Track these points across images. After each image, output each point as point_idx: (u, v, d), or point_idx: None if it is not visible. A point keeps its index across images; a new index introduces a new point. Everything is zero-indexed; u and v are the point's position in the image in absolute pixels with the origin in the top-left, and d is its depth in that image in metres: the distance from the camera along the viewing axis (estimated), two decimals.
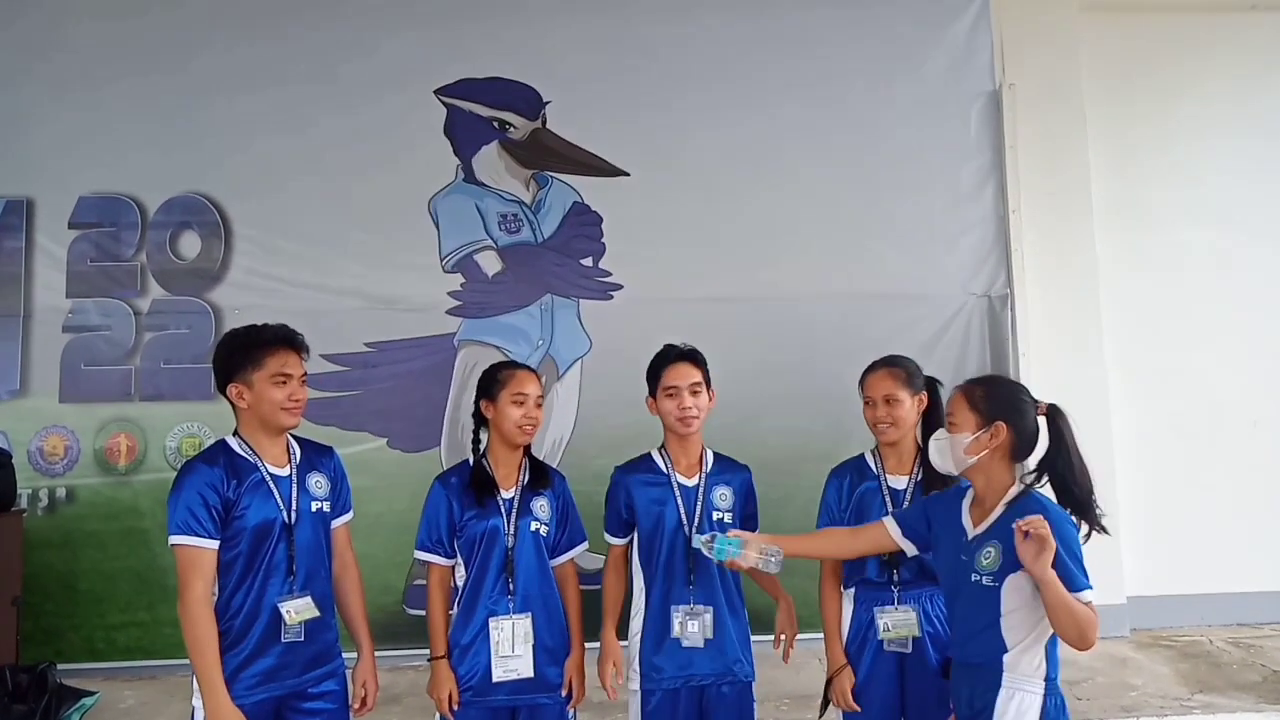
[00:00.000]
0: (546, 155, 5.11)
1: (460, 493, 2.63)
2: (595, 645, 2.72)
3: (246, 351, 2.36)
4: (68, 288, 4.87)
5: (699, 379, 2.71)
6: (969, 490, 2.27)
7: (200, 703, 2.24)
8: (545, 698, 2.58)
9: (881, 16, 5.29)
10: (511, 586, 2.56)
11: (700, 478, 2.74)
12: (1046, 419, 2.20)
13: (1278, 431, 5.41)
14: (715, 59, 5.21)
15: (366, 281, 4.94)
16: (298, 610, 2.33)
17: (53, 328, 4.83)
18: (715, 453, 2.82)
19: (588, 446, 4.73)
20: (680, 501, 2.70)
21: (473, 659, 2.55)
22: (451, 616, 2.64)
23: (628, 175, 5.10)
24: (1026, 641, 2.09)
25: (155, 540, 4.64)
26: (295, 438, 2.50)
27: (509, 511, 2.61)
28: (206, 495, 2.26)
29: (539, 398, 2.66)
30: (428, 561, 2.63)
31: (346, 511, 2.59)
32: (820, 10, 5.27)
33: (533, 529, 2.62)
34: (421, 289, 4.95)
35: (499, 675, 2.52)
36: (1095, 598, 2.03)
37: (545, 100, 5.13)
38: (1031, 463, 2.24)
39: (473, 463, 2.70)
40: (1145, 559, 5.15)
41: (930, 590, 2.55)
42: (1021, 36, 5.37)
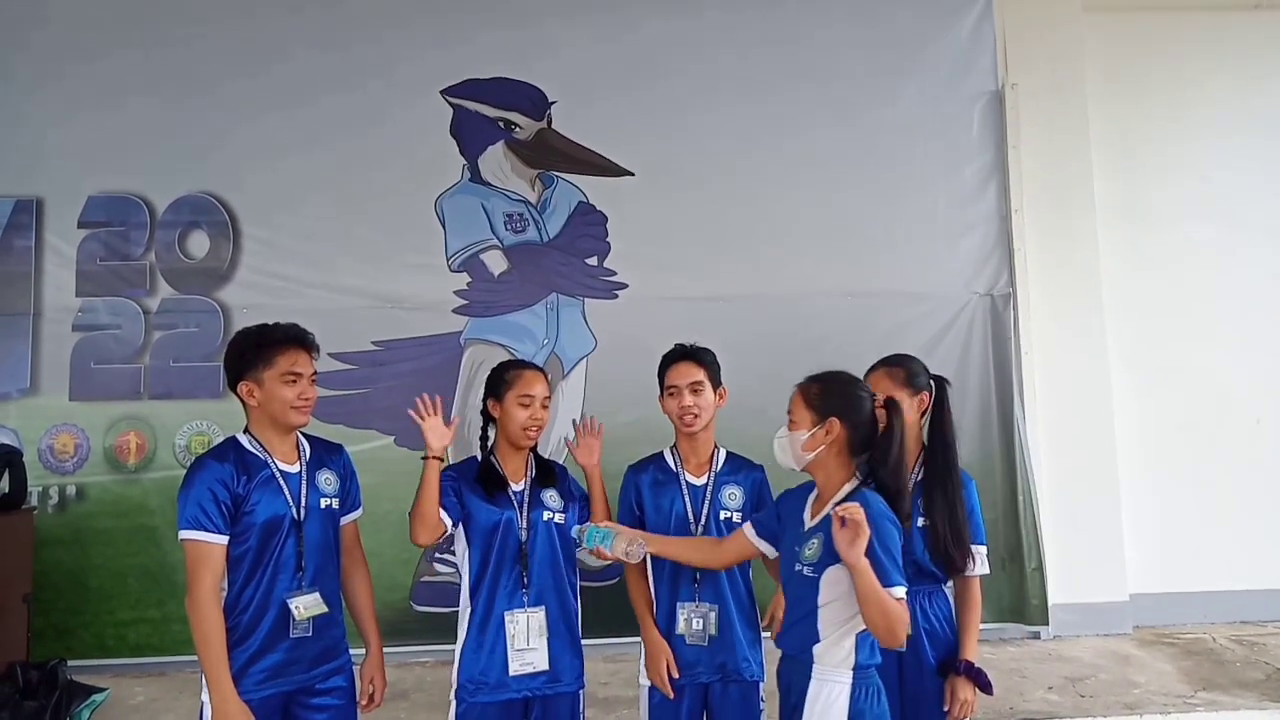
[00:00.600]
0: (552, 155, 5.14)
1: (467, 481, 2.64)
2: (599, 643, 2.73)
3: (258, 350, 2.39)
4: (77, 287, 4.91)
5: (700, 378, 2.72)
6: (815, 486, 2.32)
7: (209, 697, 2.26)
8: (559, 689, 2.59)
9: (885, 16, 5.30)
10: (526, 580, 2.58)
11: (709, 476, 2.75)
12: (885, 413, 2.25)
13: None
14: (719, 60, 5.24)
15: (374, 280, 4.97)
16: (306, 606, 2.35)
17: (63, 326, 4.87)
18: (729, 452, 2.82)
19: None
20: (688, 500, 2.72)
21: (488, 654, 2.55)
22: (459, 611, 2.64)
23: (632, 175, 5.13)
24: (838, 634, 2.14)
25: (165, 538, 4.68)
26: (305, 436, 2.52)
27: (521, 504, 2.63)
28: (216, 491, 2.28)
29: (545, 399, 2.66)
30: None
31: (356, 509, 2.61)
32: (824, 10, 5.29)
33: (546, 519, 2.63)
34: (428, 288, 4.98)
35: (515, 669, 2.53)
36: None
37: (551, 100, 5.16)
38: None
39: (480, 459, 2.71)
40: (1148, 556, 5.16)
41: (928, 588, 2.56)
42: (1024, 36, 5.39)
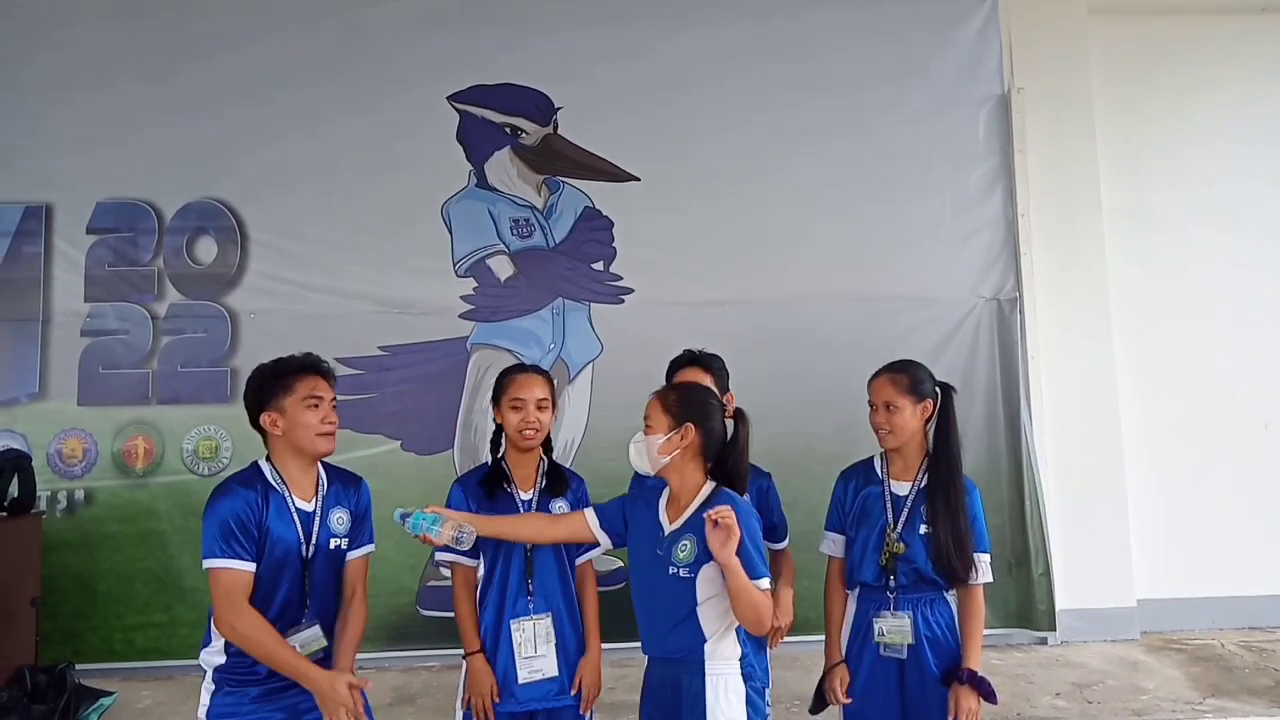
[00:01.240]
0: (558, 160, 5.15)
1: (476, 492, 2.65)
2: (605, 648, 2.73)
3: (276, 379, 2.39)
4: (86, 292, 4.94)
5: (708, 383, 2.72)
6: (665, 489, 2.38)
7: (207, 698, 2.29)
8: (565, 699, 2.58)
9: (890, 20, 5.31)
10: (531, 587, 2.58)
11: None
12: (734, 421, 2.37)
13: None
14: (724, 64, 5.25)
15: (380, 286, 4.99)
16: (303, 644, 2.32)
17: (71, 331, 4.90)
18: None
19: (598, 449, 4.76)
20: None
21: (496, 665, 2.54)
22: None
23: (638, 180, 5.14)
24: (722, 629, 2.24)
25: (172, 542, 4.71)
26: (326, 466, 2.50)
27: (528, 512, 2.64)
28: (245, 517, 2.27)
29: (540, 401, 2.65)
30: (451, 563, 2.64)
31: (368, 543, 2.56)
32: (829, 14, 5.30)
33: None
34: (435, 293, 4.99)
35: (524, 677, 2.52)
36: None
37: (557, 106, 5.17)
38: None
39: (490, 464, 2.72)
40: (1155, 561, 5.14)
41: (930, 595, 2.55)
42: (1030, 40, 5.39)
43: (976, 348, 5.11)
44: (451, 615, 2.67)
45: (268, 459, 2.42)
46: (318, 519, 2.41)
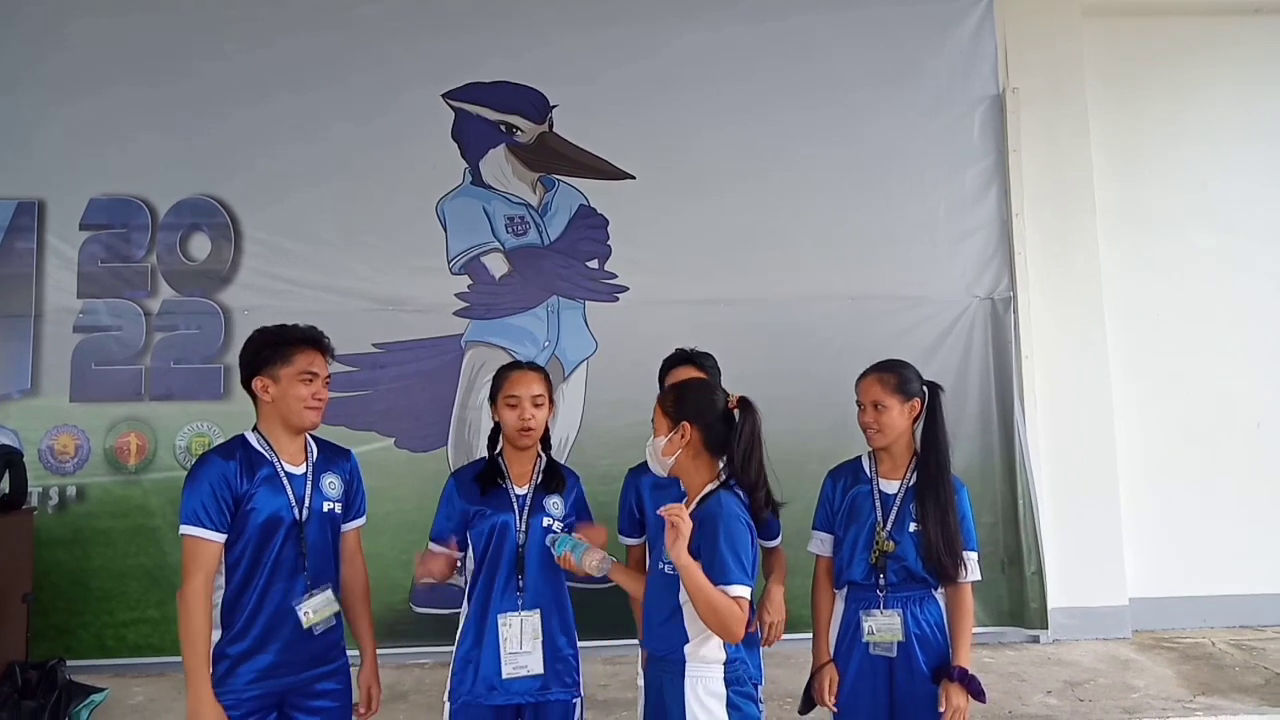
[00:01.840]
0: (553, 158, 5.15)
1: (470, 487, 2.66)
2: (598, 645, 2.73)
3: (276, 347, 2.40)
4: (79, 288, 4.92)
5: None
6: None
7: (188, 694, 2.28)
8: (550, 695, 2.58)
9: (886, 21, 5.32)
10: (521, 583, 2.57)
11: None
12: (739, 411, 2.29)
13: None
14: (720, 64, 5.25)
15: (375, 283, 4.99)
16: (315, 610, 2.35)
17: (64, 328, 4.88)
18: None
19: (593, 447, 4.77)
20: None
21: (482, 659, 2.54)
22: (460, 614, 2.65)
23: (633, 179, 5.14)
24: (707, 632, 2.17)
25: (164, 538, 4.70)
26: (314, 439, 2.52)
27: (522, 508, 2.63)
28: (218, 488, 2.28)
29: (536, 398, 2.65)
30: (441, 553, 2.64)
31: (360, 516, 2.59)
32: (824, 15, 5.31)
33: (545, 524, 2.63)
34: (429, 290, 4.99)
35: (508, 672, 2.52)
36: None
37: (552, 104, 5.17)
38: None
39: (487, 459, 2.72)
40: (1148, 560, 5.17)
41: (919, 593, 2.55)
42: (1025, 41, 5.40)
43: (971, 347, 5.13)
44: (445, 612, 2.67)
45: (254, 429, 2.44)
46: (309, 483, 2.42)
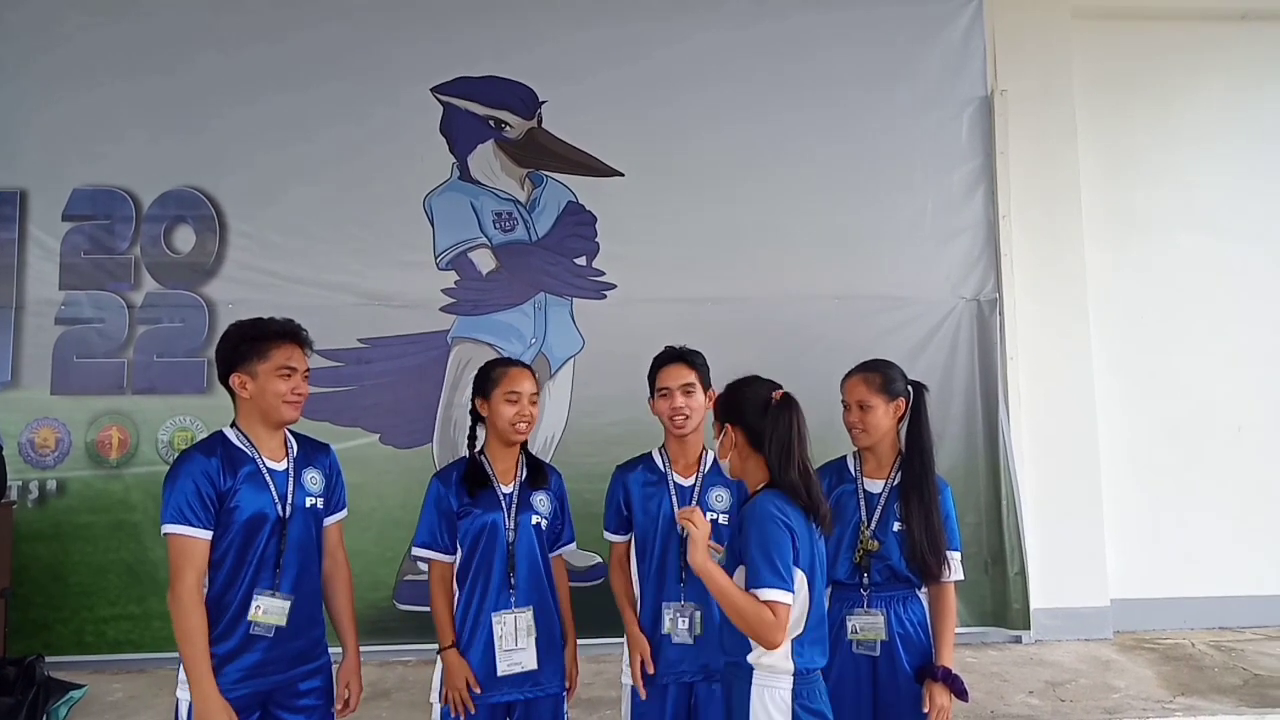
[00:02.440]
0: (542, 154, 5.13)
1: (458, 488, 2.64)
2: (582, 643, 2.74)
3: (253, 343, 2.37)
4: (61, 280, 4.87)
5: (691, 380, 2.74)
6: None
7: (186, 694, 2.23)
8: (543, 691, 2.59)
9: (875, 22, 5.33)
10: (513, 580, 2.57)
11: (697, 478, 2.77)
12: (779, 407, 2.24)
13: (1262, 437, 5.48)
14: (710, 62, 5.24)
15: (361, 277, 4.96)
16: (265, 610, 2.30)
17: (45, 319, 4.84)
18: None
19: (579, 445, 4.76)
20: (675, 500, 2.73)
21: (476, 656, 2.55)
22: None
23: (622, 175, 5.13)
24: None
25: (145, 534, 4.66)
26: (293, 434, 2.50)
27: (509, 506, 2.63)
28: (201, 485, 2.25)
29: (533, 395, 2.67)
30: (429, 559, 2.63)
31: (341, 509, 2.57)
32: (815, 15, 5.31)
33: (533, 523, 2.64)
34: (416, 286, 4.96)
35: (504, 669, 2.52)
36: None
37: (541, 100, 5.15)
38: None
39: (469, 459, 2.71)
40: (1130, 561, 5.20)
41: (903, 593, 2.56)
42: (1014, 43, 5.42)
43: (956, 348, 5.14)
44: (429, 610, 2.65)
45: (233, 424, 2.41)
46: (291, 479, 2.40)
